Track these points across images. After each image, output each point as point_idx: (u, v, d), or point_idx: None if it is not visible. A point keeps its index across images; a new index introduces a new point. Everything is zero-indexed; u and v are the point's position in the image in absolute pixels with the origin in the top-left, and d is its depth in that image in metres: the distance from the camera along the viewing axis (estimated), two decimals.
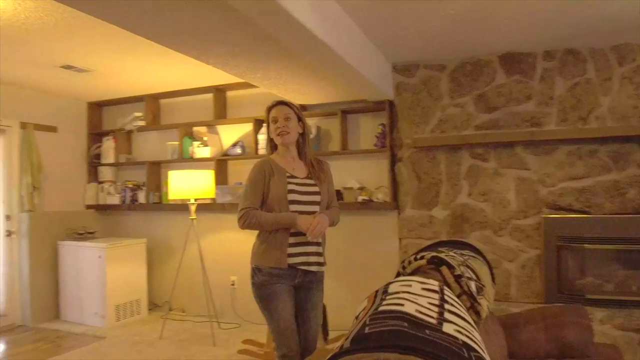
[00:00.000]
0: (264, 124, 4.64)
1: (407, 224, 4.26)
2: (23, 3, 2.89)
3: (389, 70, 4.25)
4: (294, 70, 3.56)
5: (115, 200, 5.27)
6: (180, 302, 5.07)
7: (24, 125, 4.78)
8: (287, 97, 4.35)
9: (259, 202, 2.56)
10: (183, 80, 4.69)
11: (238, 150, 4.80)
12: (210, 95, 4.95)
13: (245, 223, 2.51)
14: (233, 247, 4.89)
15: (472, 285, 2.14)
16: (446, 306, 1.50)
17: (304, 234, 2.51)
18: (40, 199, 4.85)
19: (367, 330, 1.26)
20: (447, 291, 1.63)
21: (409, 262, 2.23)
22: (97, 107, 5.58)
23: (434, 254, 2.19)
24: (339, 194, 4.43)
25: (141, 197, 5.17)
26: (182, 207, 4.78)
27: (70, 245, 4.88)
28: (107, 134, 5.45)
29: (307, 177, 2.65)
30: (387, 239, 4.34)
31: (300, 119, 2.71)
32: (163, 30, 2.76)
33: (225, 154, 4.91)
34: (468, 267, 2.31)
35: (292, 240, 2.54)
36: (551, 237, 3.84)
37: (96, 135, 5.52)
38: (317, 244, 2.63)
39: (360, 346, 1.18)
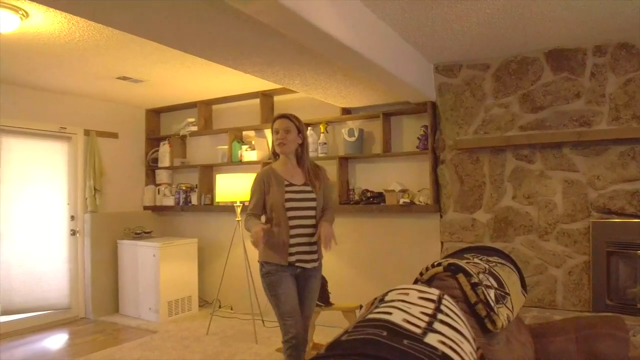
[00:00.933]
0: (309, 128, 4.77)
1: (449, 227, 4.19)
2: (76, 24, 3.13)
3: (430, 71, 4.19)
4: (330, 75, 3.61)
5: (170, 201, 5.56)
6: (229, 300, 5.26)
7: (87, 133, 5.15)
8: (328, 101, 4.42)
9: (260, 208, 2.97)
10: (232, 86, 4.86)
11: None
12: (257, 101, 5.10)
13: (244, 224, 2.95)
14: None
15: (491, 294, 2.09)
16: (439, 316, 1.49)
17: (300, 236, 2.90)
18: (101, 201, 5.20)
19: (344, 337, 1.28)
20: (446, 301, 1.61)
21: (427, 269, 2.22)
22: (155, 114, 5.90)
23: (452, 260, 2.17)
24: (380, 195, 4.43)
25: (194, 199, 5.41)
26: (231, 208, 4.96)
27: (128, 243, 5.20)
28: (163, 139, 5.75)
29: (304, 184, 2.99)
30: (429, 242, 4.29)
31: (300, 132, 3.02)
32: (199, 43, 2.91)
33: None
34: (492, 274, 2.27)
35: (292, 241, 2.89)
36: (600, 242, 3.64)
37: (154, 140, 5.84)
38: (312, 244, 2.96)
39: (332, 353, 1.21)
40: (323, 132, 4.73)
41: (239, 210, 4.56)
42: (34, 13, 2.96)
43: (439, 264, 2.16)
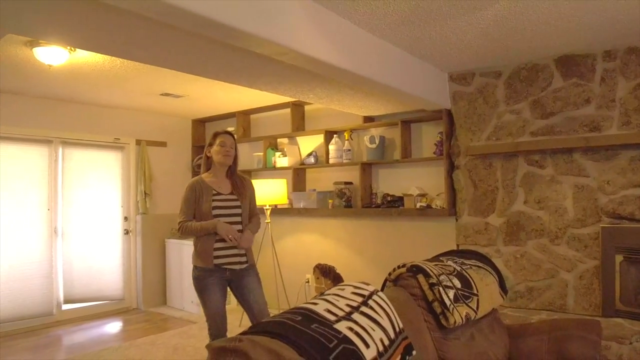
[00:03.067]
0: (335, 135, 5.05)
1: (464, 230, 4.33)
2: None
3: (445, 80, 4.35)
4: (339, 90, 3.87)
5: None
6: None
7: (138, 142, 5.73)
8: (347, 111, 4.68)
9: (192, 215, 3.24)
10: (266, 97, 5.21)
11: (312, 160, 5.23)
12: (289, 110, 5.45)
13: (182, 232, 3.25)
14: (308, 247, 5.33)
15: (450, 294, 2.30)
16: (362, 308, 1.74)
17: (226, 241, 3.19)
18: (151, 203, 5.77)
19: (268, 319, 1.59)
20: (377, 297, 1.86)
21: (394, 270, 2.45)
22: (200, 123, 6.42)
23: (415, 263, 2.39)
24: (400, 199, 4.64)
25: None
26: (261, 211, 5.33)
27: (175, 242, 5.73)
28: None
29: (230, 193, 3.31)
30: (445, 245, 4.43)
31: (235, 148, 3.43)
32: (212, 70, 3.34)
33: (302, 163, 5.37)
34: (461, 276, 2.46)
35: (217, 245, 3.20)
36: (610, 247, 3.66)
37: (199, 148, 6.35)
38: (237, 247, 3.26)
39: (251, 330, 1.52)
40: (347, 140, 5.00)
41: (268, 212, 4.93)
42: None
43: (404, 266, 2.40)
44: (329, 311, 1.66)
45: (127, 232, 5.71)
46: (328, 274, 4.55)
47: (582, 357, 2.45)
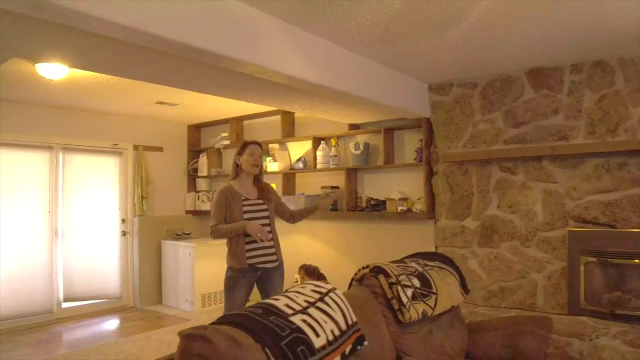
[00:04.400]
0: (322, 142, 5.29)
1: (442, 233, 4.55)
2: None
3: (424, 90, 4.57)
4: (323, 101, 4.10)
5: (207, 206, 6.27)
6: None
7: (136, 147, 5.99)
8: (332, 119, 4.92)
9: (223, 219, 3.46)
10: (257, 105, 5.44)
11: (301, 165, 5.47)
12: (279, 117, 5.69)
13: (214, 235, 3.45)
14: (298, 248, 5.57)
15: (408, 292, 2.53)
16: (318, 304, 1.98)
17: (257, 242, 3.39)
18: (148, 206, 6.02)
19: (233, 312, 1.83)
20: (334, 294, 2.09)
21: (359, 270, 2.68)
22: (196, 129, 6.67)
23: (377, 264, 2.63)
24: (383, 203, 4.87)
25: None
26: None
27: (170, 243, 5.99)
28: (203, 151, 6.50)
29: (257, 198, 3.58)
30: (425, 247, 4.65)
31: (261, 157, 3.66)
32: (198, 85, 3.61)
33: (292, 168, 5.61)
34: (421, 276, 2.68)
35: (248, 246, 3.43)
36: (575, 250, 3.88)
37: (195, 152, 6.61)
38: (271, 246, 3.54)
39: (218, 321, 1.76)
40: (334, 146, 5.23)
41: None
42: None
43: (368, 267, 2.64)
44: (288, 306, 1.90)
45: (124, 233, 5.96)
46: (312, 274, 4.79)
47: (531, 351, 2.68)
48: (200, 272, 5.67)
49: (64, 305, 5.52)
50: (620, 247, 3.71)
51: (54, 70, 3.66)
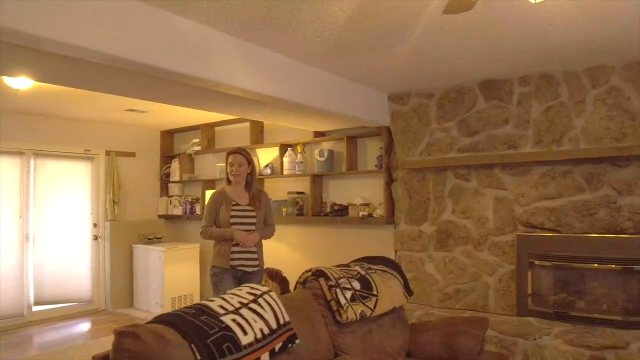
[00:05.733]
0: (289, 148, 5.44)
1: (400, 237, 4.72)
2: None
3: (384, 99, 4.75)
4: (283, 111, 4.24)
5: (178, 211, 6.40)
6: None
7: (108, 153, 6.09)
8: (297, 127, 5.07)
9: (213, 222, 3.75)
10: None
11: (268, 171, 5.62)
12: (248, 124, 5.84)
13: (204, 236, 3.77)
14: (265, 252, 5.67)
15: (347, 294, 2.68)
16: (250, 305, 2.12)
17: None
18: (120, 211, 6.12)
19: (167, 312, 1.97)
20: (268, 296, 2.23)
21: (302, 274, 2.84)
22: (168, 134, 6.79)
23: (319, 268, 2.78)
24: (345, 208, 5.03)
25: (197, 209, 6.22)
26: None
27: (141, 247, 6.09)
28: (175, 156, 6.61)
29: (248, 205, 3.75)
30: (385, 250, 4.81)
31: (249, 163, 3.78)
32: (162, 96, 3.78)
33: (260, 174, 5.75)
34: (363, 279, 2.84)
35: (233, 249, 3.65)
36: (523, 253, 4.07)
37: (167, 158, 6.72)
38: (253, 252, 3.72)
39: (153, 320, 1.90)
40: (300, 152, 5.39)
41: None
42: None
43: (310, 271, 2.79)
44: (222, 306, 2.04)
45: (96, 237, 6.06)
46: (275, 277, 4.93)
47: (466, 349, 2.84)
48: (170, 275, 5.78)
49: (35, 308, 5.59)
50: (564, 251, 3.90)
51: (19, 81, 3.77)
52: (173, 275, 5.81)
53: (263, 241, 3.90)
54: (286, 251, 5.55)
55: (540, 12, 2.73)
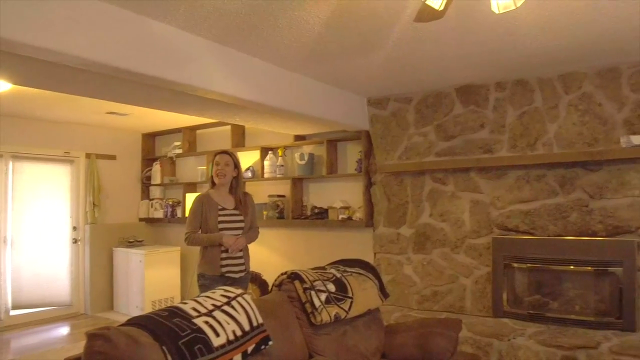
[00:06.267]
0: (270, 152, 5.47)
1: (379, 240, 4.78)
2: None
3: (364, 104, 4.80)
4: (262, 115, 4.25)
5: (160, 214, 6.39)
6: None
7: (88, 156, 6.07)
8: (277, 130, 5.11)
9: (198, 228, 3.56)
10: None
11: (249, 174, 5.64)
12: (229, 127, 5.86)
13: (189, 242, 3.58)
14: None
15: (322, 297, 2.72)
16: (224, 307, 2.15)
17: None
18: (100, 214, 6.09)
19: (140, 315, 1.99)
20: (242, 299, 2.25)
21: (278, 277, 2.87)
22: (150, 137, 6.77)
23: (295, 270, 2.82)
24: (325, 211, 5.07)
25: (179, 212, 6.22)
26: None
27: (122, 251, 6.07)
28: (156, 159, 6.60)
29: (234, 209, 3.61)
30: (364, 253, 4.83)
31: (236, 166, 3.60)
32: (141, 100, 3.79)
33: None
34: (338, 281, 2.87)
35: (223, 255, 3.51)
36: (499, 256, 4.14)
37: (149, 160, 6.71)
38: (239, 257, 3.59)
39: (125, 322, 1.92)
40: (281, 156, 5.42)
41: None
42: None
43: (285, 273, 2.83)
44: (195, 309, 2.06)
45: (75, 241, 6.02)
46: (254, 281, 4.95)
47: (440, 350, 2.89)
48: (151, 278, 5.77)
49: (13, 312, 5.54)
50: (538, 253, 3.99)
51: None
52: (153, 279, 5.80)
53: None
54: (266, 254, 5.57)
55: (510, 21, 2.80)
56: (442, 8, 1.79)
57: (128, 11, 2.60)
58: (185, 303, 2.11)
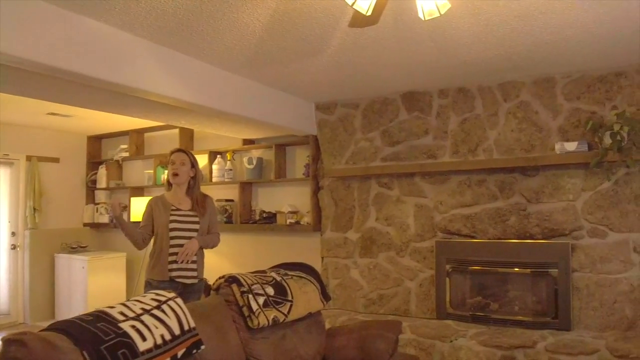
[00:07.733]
0: (218, 156, 5.41)
1: (327, 244, 4.80)
2: None
3: (312, 109, 4.83)
4: (209, 118, 4.20)
5: (105, 219, 6.21)
6: None
7: (29, 158, 5.84)
8: (225, 134, 5.06)
9: (150, 229, 3.42)
10: None
11: None
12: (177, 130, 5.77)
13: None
14: None
15: (260, 300, 2.70)
16: (153, 311, 2.10)
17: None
18: (41, 219, 5.87)
19: (63, 320, 1.92)
20: (173, 302, 2.22)
21: (216, 280, 2.84)
22: (96, 140, 6.59)
23: (233, 274, 2.79)
24: (273, 216, 5.06)
25: (125, 217, 6.05)
26: None
27: (64, 257, 5.87)
28: (102, 162, 6.43)
29: (190, 210, 3.43)
30: (312, 257, 4.84)
31: (193, 166, 3.47)
32: (81, 101, 3.69)
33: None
34: (278, 285, 2.87)
35: (170, 258, 3.34)
36: (442, 259, 4.23)
37: (94, 164, 6.52)
38: (193, 262, 3.43)
39: (46, 328, 1.86)
40: (230, 160, 5.38)
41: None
42: None
43: (223, 277, 2.80)
44: (122, 313, 2.01)
45: (14, 247, 5.77)
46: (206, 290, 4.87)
47: (379, 352, 2.92)
48: (94, 285, 5.59)
49: None
50: (479, 256, 4.10)
51: None
52: (97, 286, 5.62)
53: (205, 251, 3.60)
54: (214, 259, 5.48)
55: (447, 30, 2.88)
56: (369, 13, 1.82)
57: (59, 7, 2.54)
58: (113, 307, 2.05)
